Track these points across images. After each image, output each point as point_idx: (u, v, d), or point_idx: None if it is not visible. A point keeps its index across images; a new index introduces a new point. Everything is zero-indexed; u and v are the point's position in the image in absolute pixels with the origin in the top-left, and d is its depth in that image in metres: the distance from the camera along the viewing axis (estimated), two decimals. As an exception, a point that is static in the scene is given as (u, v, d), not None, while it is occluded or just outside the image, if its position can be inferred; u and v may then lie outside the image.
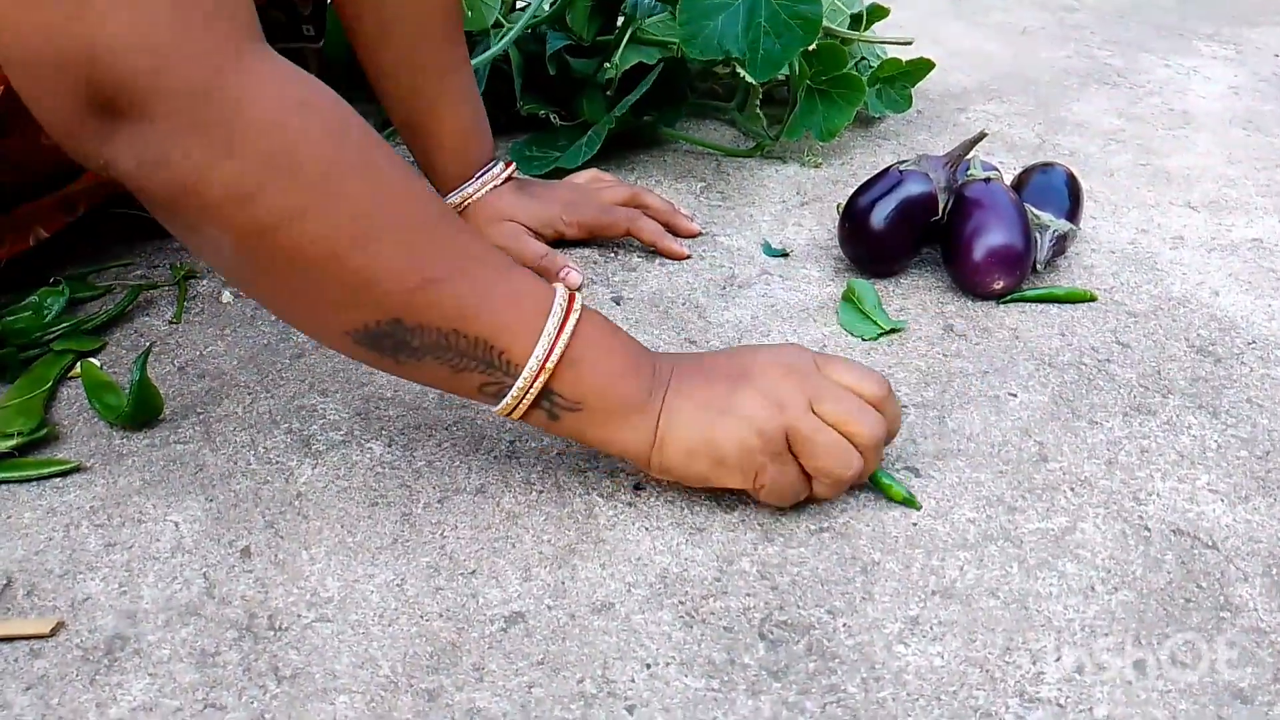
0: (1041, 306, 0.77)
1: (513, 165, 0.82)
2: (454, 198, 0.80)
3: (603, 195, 0.84)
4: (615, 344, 0.55)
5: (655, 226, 0.82)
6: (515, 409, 0.53)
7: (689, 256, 0.82)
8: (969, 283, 0.76)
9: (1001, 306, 0.76)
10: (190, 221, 0.48)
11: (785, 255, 0.83)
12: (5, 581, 0.53)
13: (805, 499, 0.57)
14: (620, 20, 1.00)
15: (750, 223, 0.88)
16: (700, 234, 0.86)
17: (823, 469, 0.54)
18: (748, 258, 0.83)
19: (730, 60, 0.89)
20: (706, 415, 0.53)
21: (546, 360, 0.51)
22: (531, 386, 0.52)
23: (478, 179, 0.80)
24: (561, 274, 0.78)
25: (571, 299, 0.53)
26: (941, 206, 0.77)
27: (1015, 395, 0.67)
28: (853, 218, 0.78)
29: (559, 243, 0.82)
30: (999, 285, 0.75)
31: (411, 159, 0.83)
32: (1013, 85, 1.21)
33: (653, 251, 0.83)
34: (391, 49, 0.77)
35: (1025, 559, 0.55)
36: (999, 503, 0.59)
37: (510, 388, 0.52)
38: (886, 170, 0.79)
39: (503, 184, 0.81)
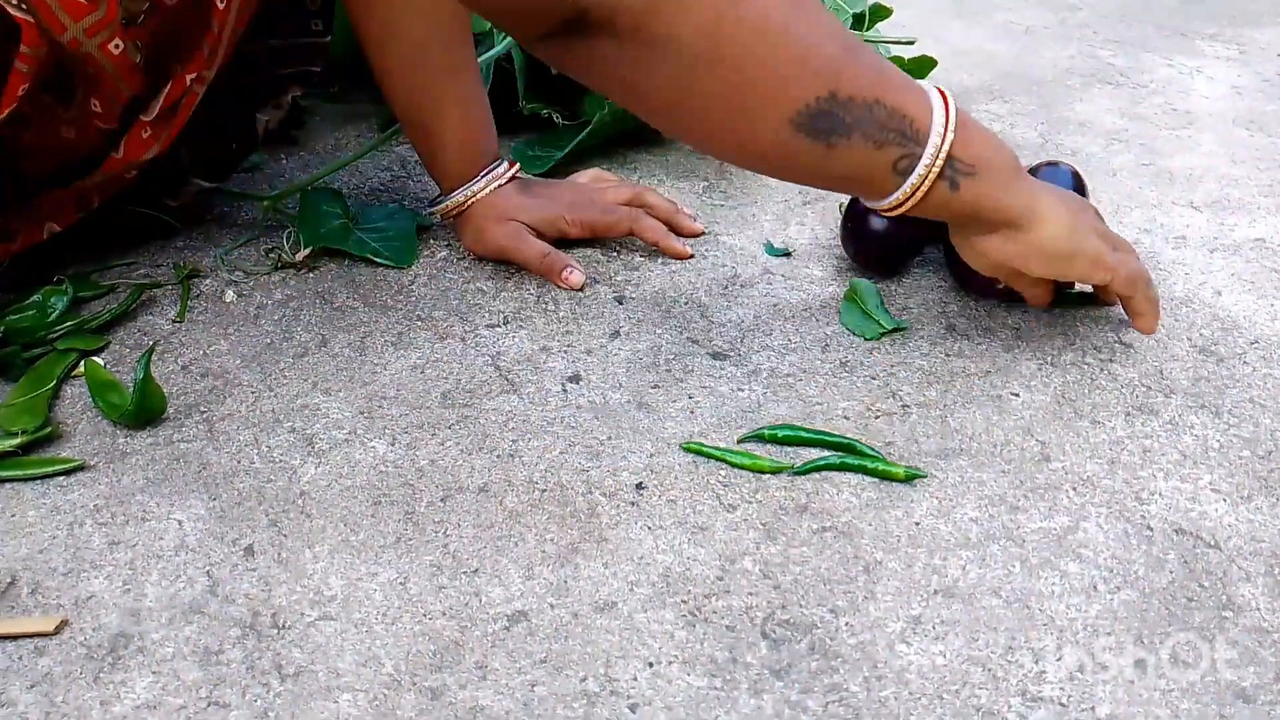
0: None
1: (516, 165, 0.82)
2: (458, 195, 0.80)
3: (605, 195, 0.84)
4: (978, 123, 0.62)
5: (658, 226, 0.82)
6: (922, 185, 0.58)
7: (691, 256, 0.82)
8: (972, 283, 0.76)
9: (1004, 306, 0.76)
10: (655, 31, 0.54)
11: (788, 255, 0.83)
12: (10, 580, 0.53)
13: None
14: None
15: (752, 222, 0.88)
16: (703, 233, 0.86)
17: (1122, 271, 0.66)
18: (750, 257, 0.83)
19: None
20: (1075, 214, 0.64)
21: (947, 126, 0.57)
22: (940, 153, 0.57)
23: (482, 177, 0.80)
24: (564, 273, 0.77)
25: (932, 84, 0.60)
26: None
27: (1018, 395, 0.67)
28: (855, 217, 0.78)
29: (562, 242, 0.82)
30: (1002, 285, 0.75)
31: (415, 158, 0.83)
32: (1015, 84, 1.21)
33: (655, 251, 0.83)
34: (400, 48, 0.77)
35: (1027, 558, 0.55)
36: (1001, 502, 0.59)
37: (920, 158, 0.57)
38: None
39: (506, 183, 0.80)
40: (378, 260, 0.80)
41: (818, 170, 0.59)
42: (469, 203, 0.80)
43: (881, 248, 0.78)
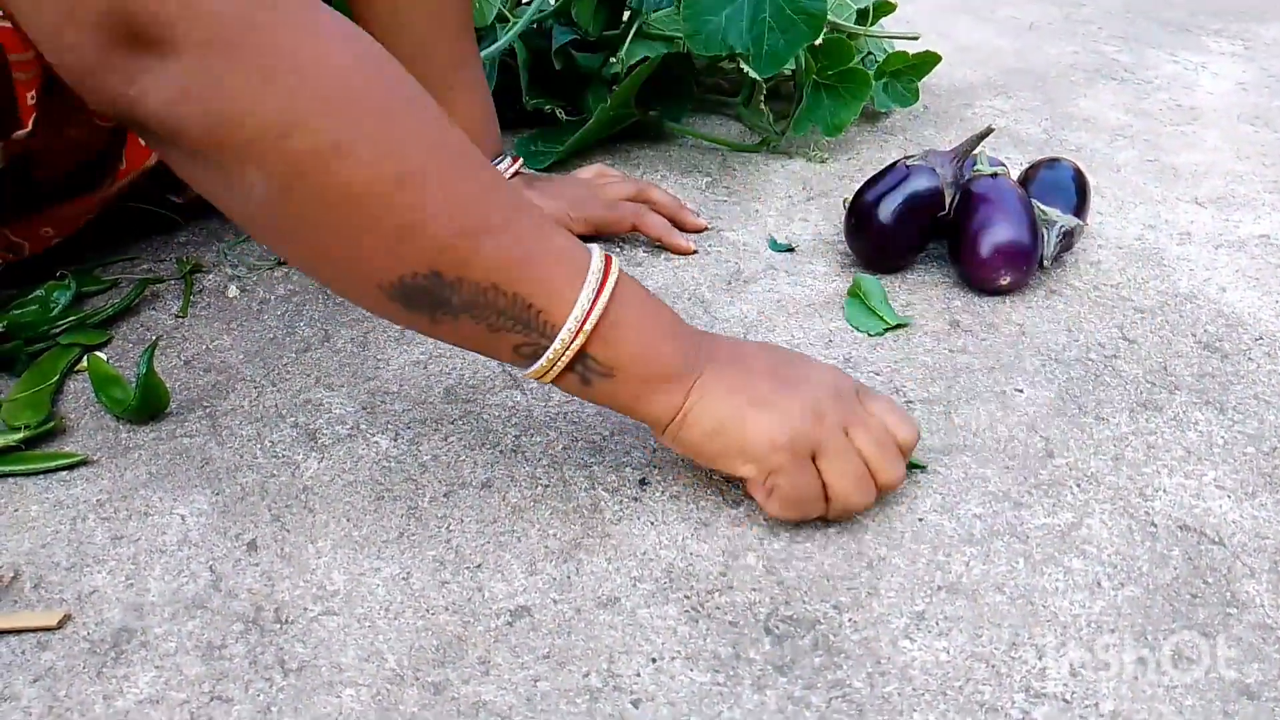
0: (1049, 302, 0.76)
1: (519, 160, 0.82)
2: None
3: (609, 191, 0.84)
4: (653, 309, 0.54)
5: (661, 222, 0.82)
6: (549, 372, 0.51)
7: (695, 251, 0.82)
8: (976, 278, 0.76)
9: (1008, 302, 0.76)
10: (223, 161, 0.45)
11: (791, 250, 0.83)
12: (13, 574, 0.53)
13: (801, 518, 0.55)
14: (627, 15, 0.99)
15: (756, 218, 0.88)
16: (706, 229, 0.85)
17: (838, 491, 0.54)
18: (753, 253, 0.83)
19: (735, 56, 0.89)
20: (741, 402, 0.53)
21: (585, 322, 0.50)
22: (568, 349, 0.50)
23: None
24: None
25: (609, 261, 0.52)
26: (948, 202, 0.76)
27: (1021, 391, 0.67)
28: (859, 212, 0.78)
29: None
30: (1006, 281, 0.75)
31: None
32: (1020, 80, 1.21)
33: (659, 246, 0.83)
34: (404, 42, 0.76)
35: (1031, 554, 0.55)
36: (1005, 498, 0.59)
37: (546, 349, 0.50)
38: (893, 165, 0.78)
39: (510, 178, 0.80)
40: None
41: (429, 334, 0.52)
42: None
43: (885, 244, 0.78)
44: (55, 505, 0.57)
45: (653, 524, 0.56)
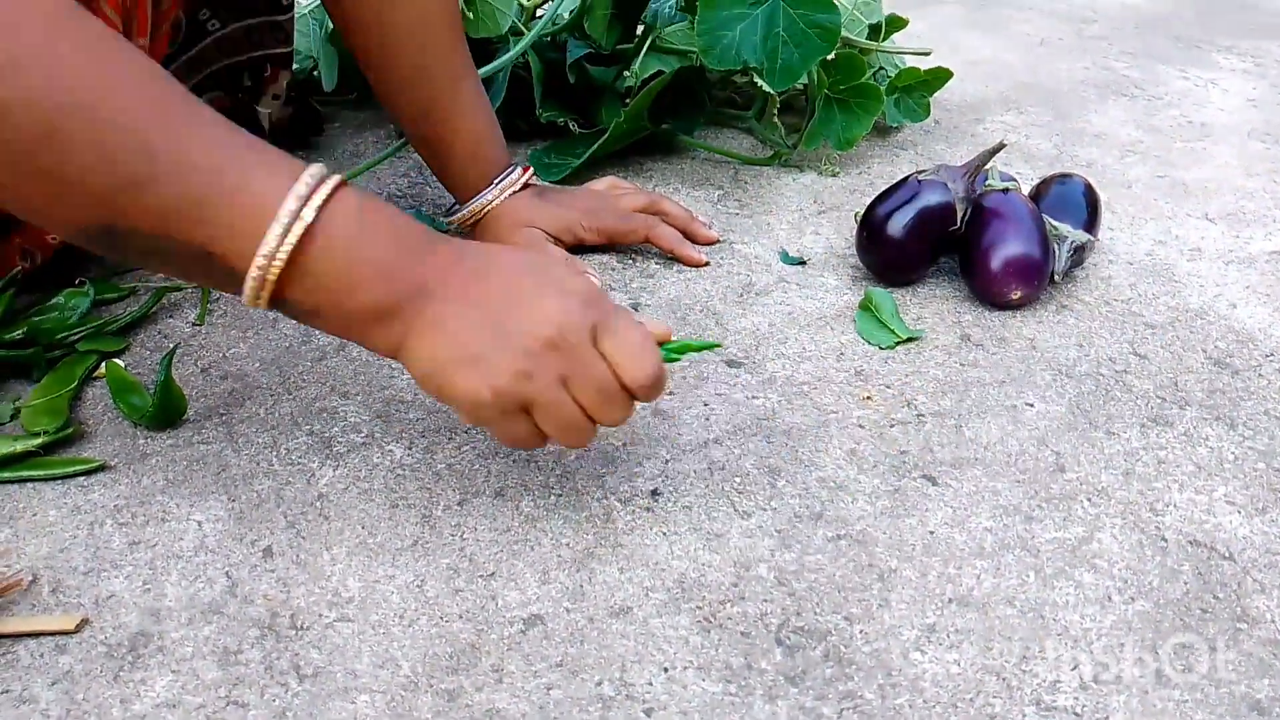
0: (1059, 317, 0.77)
1: (529, 170, 0.82)
2: (473, 205, 0.80)
3: (622, 202, 0.85)
4: (365, 246, 0.49)
5: (673, 233, 0.83)
6: (257, 304, 0.49)
7: (707, 264, 0.83)
8: (987, 292, 0.77)
9: (1019, 316, 0.77)
10: None
11: (803, 263, 0.83)
12: (31, 578, 0.53)
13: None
14: (640, 29, 1.00)
15: (768, 231, 0.89)
16: (718, 241, 0.86)
17: (553, 435, 0.52)
18: (765, 266, 0.83)
19: (749, 70, 0.89)
20: (450, 357, 0.50)
21: (268, 272, 0.47)
22: (260, 294, 0.48)
23: (496, 185, 0.80)
24: None
25: (318, 186, 0.48)
26: (960, 216, 0.77)
27: (1032, 405, 0.68)
28: (871, 226, 0.78)
29: (577, 250, 0.82)
30: (1017, 295, 0.76)
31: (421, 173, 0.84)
32: (1031, 96, 1.22)
33: (671, 258, 0.83)
34: (398, 69, 0.77)
35: (1042, 568, 0.55)
36: (1016, 512, 0.59)
37: (243, 289, 0.48)
38: (905, 179, 0.79)
39: (521, 189, 0.81)
40: None
41: (147, 267, 0.52)
42: (485, 211, 0.80)
43: (897, 257, 0.79)
44: (73, 510, 0.58)
45: (665, 534, 0.57)
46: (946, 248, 0.79)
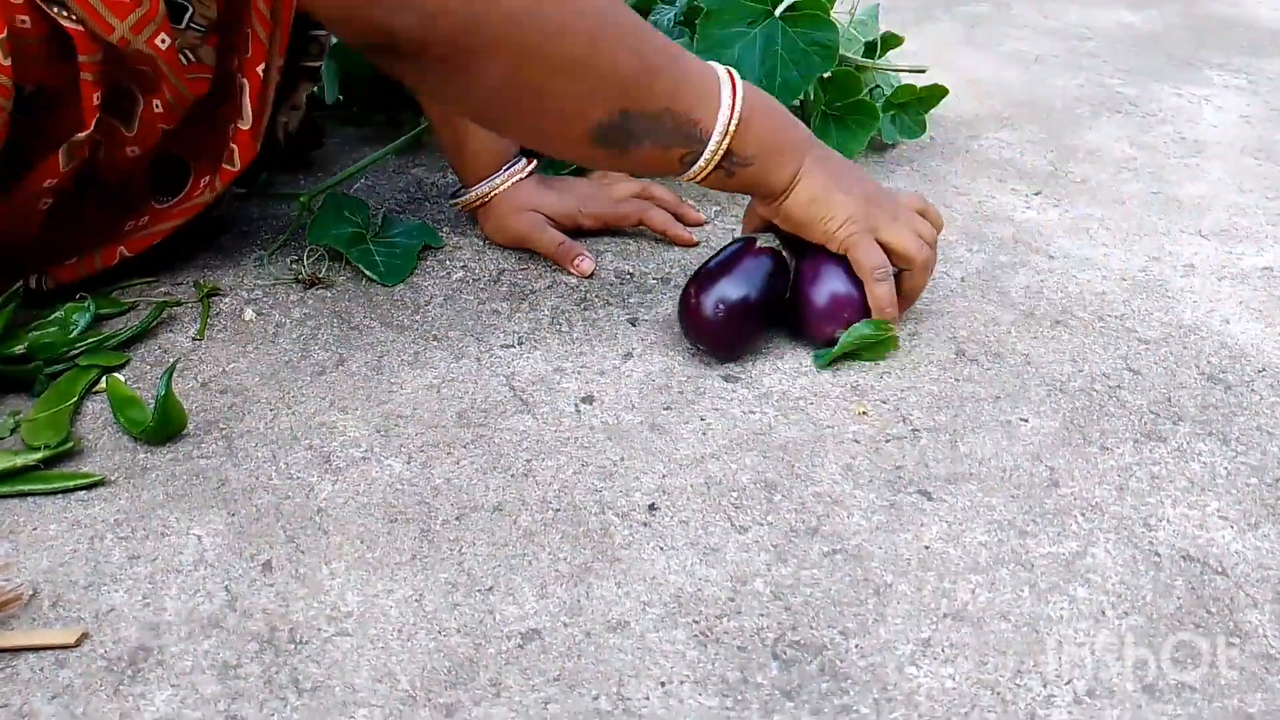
0: (1054, 332, 0.77)
1: (534, 161, 0.88)
2: (482, 188, 0.86)
3: (616, 189, 0.90)
4: (771, 106, 0.70)
5: (665, 216, 0.89)
6: (702, 174, 0.68)
7: (698, 244, 0.89)
8: (807, 328, 0.74)
9: (1014, 331, 0.77)
10: (462, 62, 0.59)
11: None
12: (32, 592, 0.54)
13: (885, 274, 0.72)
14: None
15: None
16: (705, 223, 0.92)
17: (894, 245, 0.72)
18: (762, 280, 0.84)
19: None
20: (833, 183, 0.70)
21: (728, 127, 0.66)
22: (720, 149, 0.66)
23: (504, 171, 0.86)
24: (576, 260, 0.84)
25: (730, 75, 0.67)
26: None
27: (1026, 420, 0.68)
28: (687, 303, 0.72)
29: (576, 234, 0.87)
30: (831, 329, 0.73)
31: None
32: (1025, 113, 1.22)
33: (668, 275, 0.84)
34: None
35: (1036, 583, 0.55)
36: (1010, 526, 0.59)
37: (702, 154, 0.66)
38: (734, 246, 0.74)
39: (526, 178, 0.87)
40: (368, 274, 0.82)
41: (617, 166, 0.76)
42: (491, 195, 0.86)
43: (716, 335, 0.72)
44: (73, 524, 0.58)
45: (662, 549, 0.57)
46: (770, 322, 0.74)
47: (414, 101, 1.04)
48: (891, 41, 1.08)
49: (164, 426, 0.64)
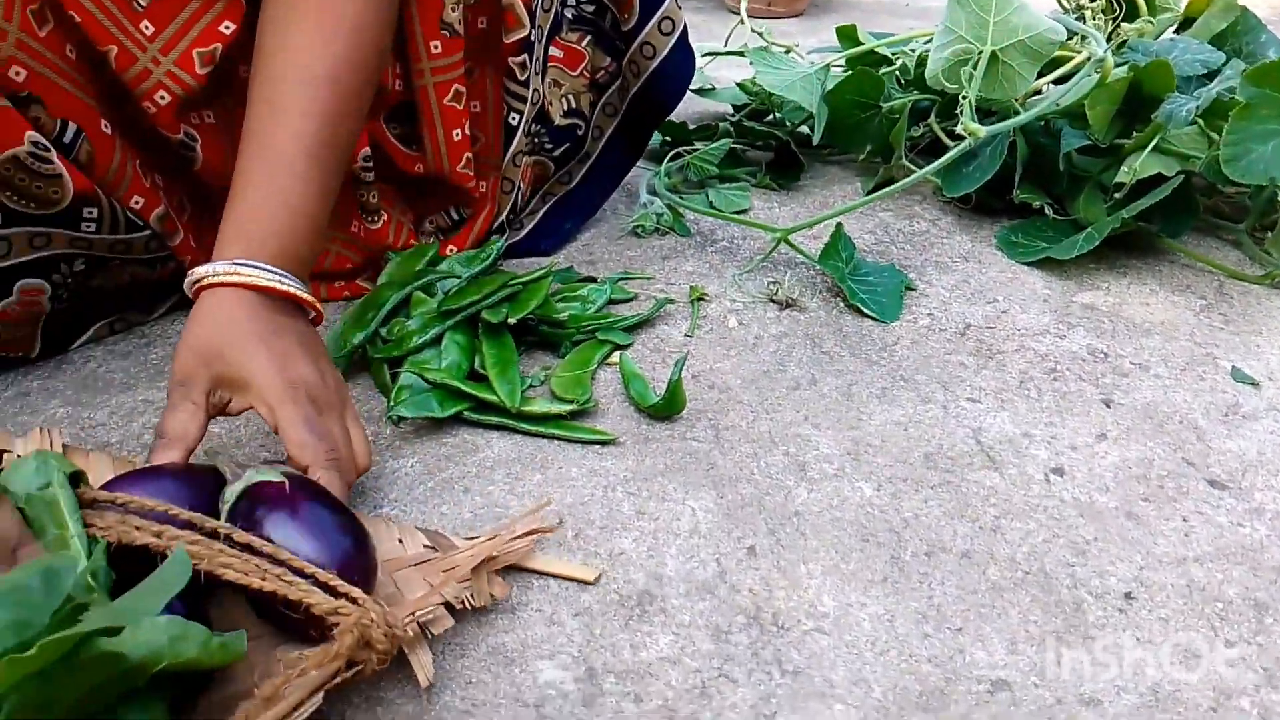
0: None
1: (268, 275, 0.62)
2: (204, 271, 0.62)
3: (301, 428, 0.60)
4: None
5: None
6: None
7: None
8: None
9: None
10: None
11: (1254, 385, 0.78)
12: (559, 521, 0.63)
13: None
14: (1142, 127, 0.98)
15: (1256, 352, 0.83)
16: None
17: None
18: (1254, 388, 0.79)
19: (1274, 186, 0.85)
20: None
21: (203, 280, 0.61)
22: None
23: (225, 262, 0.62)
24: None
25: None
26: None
27: None
28: None
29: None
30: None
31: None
32: None
33: (1146, 362, 0.81)
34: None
35: None
36: None
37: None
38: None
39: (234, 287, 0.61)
40: (864, 311, 0.86)
41: None
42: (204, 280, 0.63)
43: None
44: (590, 473, 0.67)
45: (1139, 640, 0.56)
46: None
47: (887, 143, 1.08)
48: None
49: (669, 405, 0.72)
